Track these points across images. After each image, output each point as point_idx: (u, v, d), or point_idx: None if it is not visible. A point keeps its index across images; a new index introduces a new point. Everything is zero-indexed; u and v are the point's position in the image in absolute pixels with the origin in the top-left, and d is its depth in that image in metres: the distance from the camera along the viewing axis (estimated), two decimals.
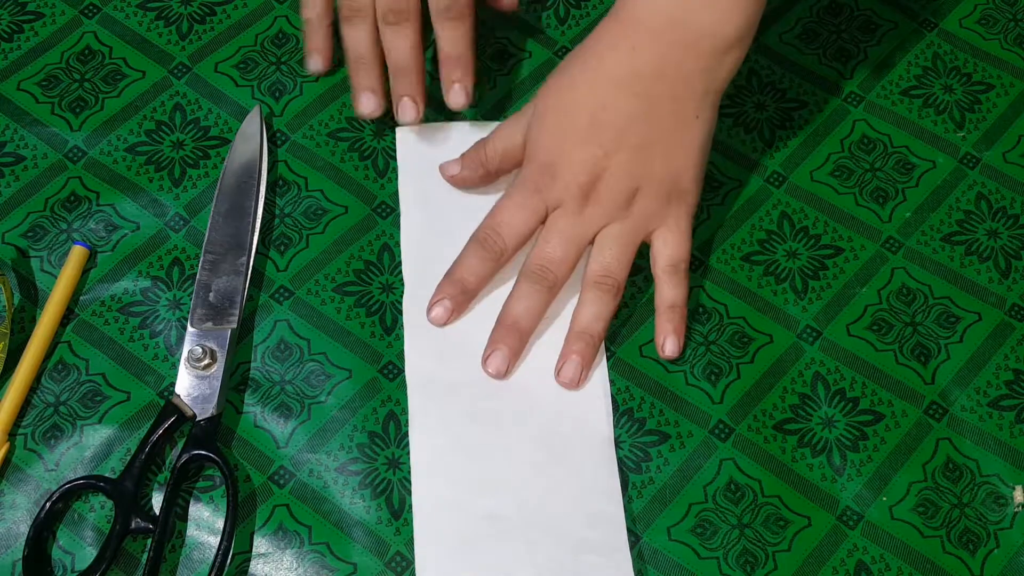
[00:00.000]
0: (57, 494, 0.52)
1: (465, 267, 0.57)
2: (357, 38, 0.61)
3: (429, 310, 0.57)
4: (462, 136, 0.62)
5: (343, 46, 0.62)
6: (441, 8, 0.59)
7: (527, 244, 0.58)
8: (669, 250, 0.57)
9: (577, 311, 0.57)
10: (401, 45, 0.60)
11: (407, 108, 0.61)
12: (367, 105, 0.61)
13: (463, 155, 0.60)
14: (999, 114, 0.65)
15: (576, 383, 0.55)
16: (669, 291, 0.57)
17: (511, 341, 0.56)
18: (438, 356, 0.56)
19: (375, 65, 0.61)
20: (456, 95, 0.60)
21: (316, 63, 0.64)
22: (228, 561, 0.51)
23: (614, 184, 0.56)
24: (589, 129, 0.56)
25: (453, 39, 0.60)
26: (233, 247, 0.58)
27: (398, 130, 0.63)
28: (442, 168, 0.61)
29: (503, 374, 0.56)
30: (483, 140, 0.60)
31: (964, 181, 0.62)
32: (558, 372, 0.56)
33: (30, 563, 0.51)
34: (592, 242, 0.57)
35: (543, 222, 0.58)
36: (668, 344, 0.57)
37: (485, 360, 0.56)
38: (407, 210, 0.60)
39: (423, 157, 0.62)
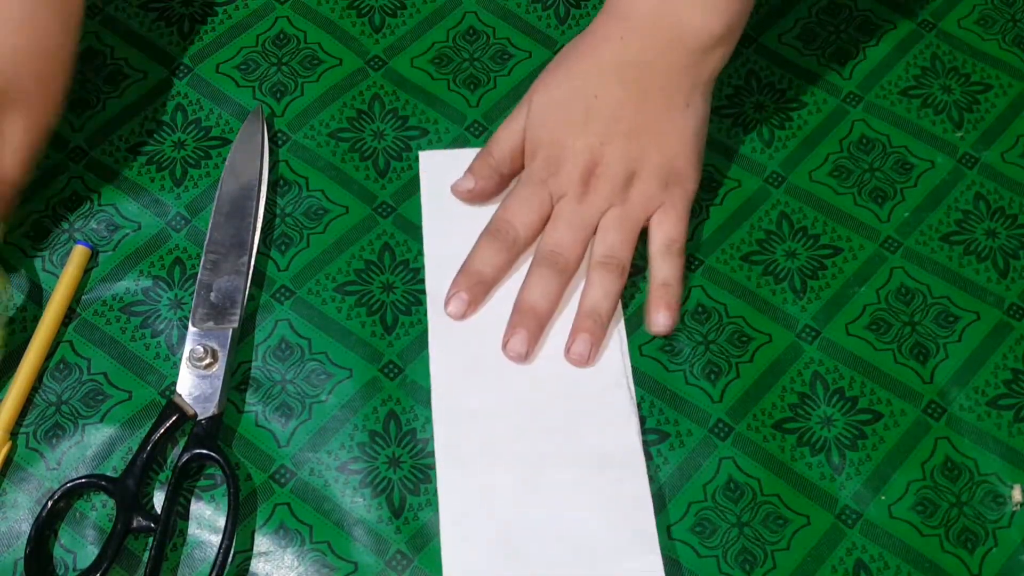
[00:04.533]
0: (59, 493, 0.52)
1: (479, 258, 0.58)
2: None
3: (446, 304, 0.57)
4: None
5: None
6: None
7: (537, 237, 0.59)
8: (664, 230, 0.58)
9: (584, 292, 0.57)
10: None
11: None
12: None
13: (471, 167, 0.60)
14: (997, 114, 0.65)
15: (586, 360, 0.56)
16: (662, 269, 0.58)
17: (530, 324, 0.56)
18: (463, 373, 0.56)
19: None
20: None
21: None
22: (229, 560, 0.51)
23: (611, 170, 0.58)
24: (585, 118, 0.58)
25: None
26: (234, 247, 0.58)
27: (421, 153, 0.62)
28: (455, 187, 0.60)
29: (524, 357, 0.56)
30: (487, 147, 0.61)
31: (963, 181, 0.63)
32: (568, 350, 0.56)
33: (32, 562, 0.51)
34: (597, 228, 0.58)
35: (551, 212, 0.59)
36: (661, 317, 0.57)
37: (505, 344, 0.56)
38: (430, 233, 0.60)
39: (446, 180, 0.61)
